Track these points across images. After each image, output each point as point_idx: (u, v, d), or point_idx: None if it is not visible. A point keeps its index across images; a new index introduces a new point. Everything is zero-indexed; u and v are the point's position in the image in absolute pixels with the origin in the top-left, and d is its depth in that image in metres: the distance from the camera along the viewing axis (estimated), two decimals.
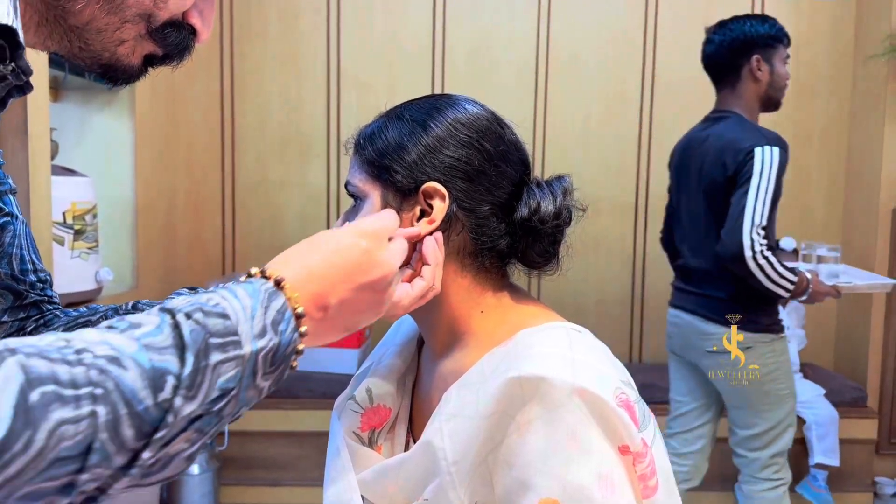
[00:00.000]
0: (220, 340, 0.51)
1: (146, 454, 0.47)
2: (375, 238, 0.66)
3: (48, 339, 0.46)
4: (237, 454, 2.96)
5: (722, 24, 2.20)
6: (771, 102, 2.20)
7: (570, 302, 3.42)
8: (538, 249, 0.81)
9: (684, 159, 2.29)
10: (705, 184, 2.14)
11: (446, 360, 0.82)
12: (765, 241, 1.97)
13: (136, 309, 0.75)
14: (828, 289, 2.11)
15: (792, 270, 2.04)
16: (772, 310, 2.13)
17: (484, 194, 0.78)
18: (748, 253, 1.96)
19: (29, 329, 0.73)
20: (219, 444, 2.89)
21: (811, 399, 2.99)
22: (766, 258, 1.97)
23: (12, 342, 0.44)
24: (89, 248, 2.52)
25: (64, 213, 2.44)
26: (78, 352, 0.45)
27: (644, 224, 3.45)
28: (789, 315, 2.98)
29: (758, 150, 2.00)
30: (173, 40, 0.65)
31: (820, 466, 2.92)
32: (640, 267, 3.46)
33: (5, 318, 0.73)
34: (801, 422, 3.01)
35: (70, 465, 0.44)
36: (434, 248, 0.75)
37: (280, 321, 0.55)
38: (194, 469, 2.78)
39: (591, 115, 3.43)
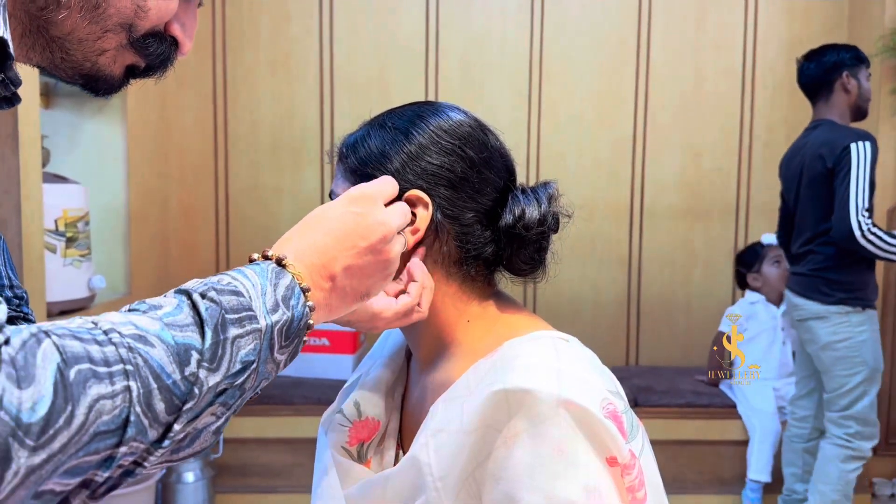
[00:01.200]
0: (235, 316, 0.53)
1: (177, 426, 0.49)
2: (367, 201, 0.67)
3: (76, 322, 0.48)
4: (232, 461, 2.95)
5: (815, 52, 2.62)
6: (860, 111, 2.59)
7: (565, 305, 3.41)
8: (523, 257, 0.80)
9: (790, 166, 2.68)
10: (808, 179, 2.53)
11: (434, 371, 0.81)
12: (869, 221, 2.35)
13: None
14: None
15: None
16: (849, 285, 2.48)
17: (468, 201, 0.77)
18: (857, 233, 2.35)
19: None
20: (214, 452, 2.88)
21: None
22: (874, 234, 2.35)
23: (44, 325, 0.46)
24: (81, 256, 2.50)
25: (56, 221, 2.42)
26: (106, 332, 0.47)
27: (640, 226, 3.45)
28: (783, 317, 2.99)
29: (853, 146, 2.39)
30: (154, 51, 0.64)
31: None
32: (635, 269, 3.46)
33: None
34: None
35: (109, 439, 0.46)
36: (421, 267, 0.75)
37: (290, 297, 0.57)
38: (189, 476, 2.76)
39: (585, 116, 3.43)
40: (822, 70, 2.57)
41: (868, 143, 2.40)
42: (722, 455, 3.06)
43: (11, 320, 0.74)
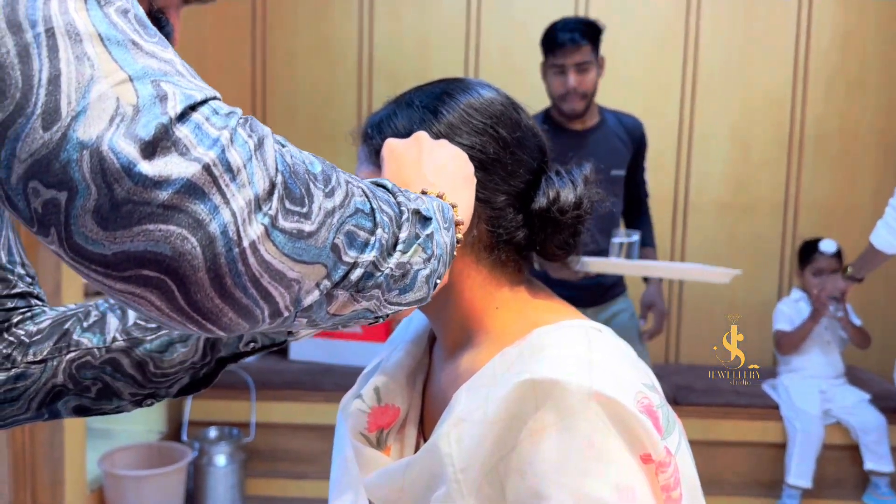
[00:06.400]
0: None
1: (402, 235, 0.51)
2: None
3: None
4: (263, 446, 2.95)
5: None
6: None
7: None
8: (558, 241, 0.77)
9: None
10: None
11: (459, 357, 0.77)
12: None
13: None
14: None
15: None
16: None
17: (500, 184, 0.74)
18: None
19: (15, 321, 0.70)
20: (245, 436, 2.88)
21: (854, 404, 2.88)
22: None
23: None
24: None
25: None
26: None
27: (683, 219, 3.37)
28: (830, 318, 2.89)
29: None
30: (162, 29, 0.64)
31: (873, 473, 2.84)
32: None
33: None
34: (845, 429, 2.91)
35: (366, 221, 0.47)
36: None
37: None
38: (221, 460, 2.77)
39: (629, 105, 3.32)
40: None
41: None
42: (761, 457, 2.97)
43: (23, 295, 0.72)
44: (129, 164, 0.37)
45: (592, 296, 2.37)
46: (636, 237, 2.22)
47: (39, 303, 0.73)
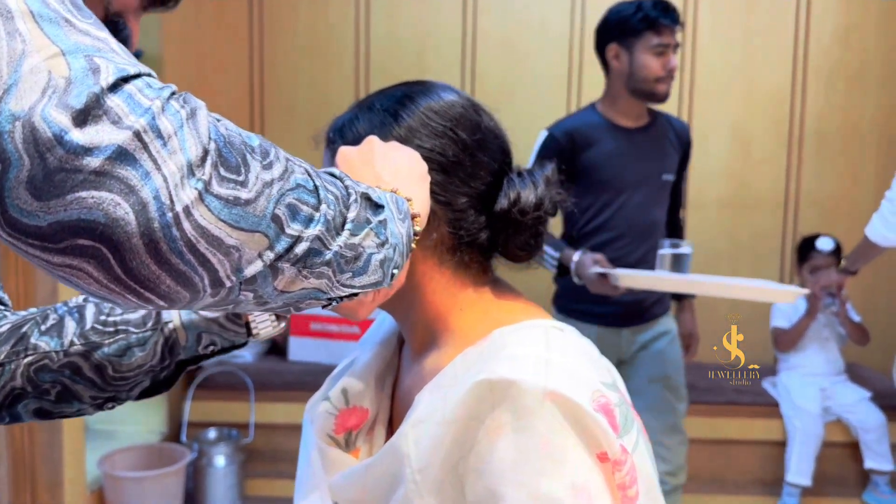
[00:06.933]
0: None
1: (350, 215, 0.51)
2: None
3: None
4: (262, 447, 2.96)
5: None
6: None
7: None
8: (519, 242, 0.77)
9: None
10: None
11: (425, 358, 0.77)
12: None
13: (86, 301, 0.71)
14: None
15: None
16: None
17: (460, 186, 0.74)
18: None
19: None
20: (244, 437, 2.89)
21: (854, 402, 2.86)
22: None
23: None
24: None
25: None
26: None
27: (683, 218, 3.34)
28: (827, 314, 2.87)
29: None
30: (121, 35, 0.64)
31: (873, 472, 2.83)
32: None
33: None
34: (845, 427, 2.89)
35: (309, 197, 0.47)
36: None
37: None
38: (220, 461, 2.78)
39: None
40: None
41: (545, 134, 2.13)
42: (763, 455, 2.96)
43: None
44: (60, 132, 0.37)
45: (630, 314, 2.17)
46: (688, 249, 1.98)
47: (2, 307, 0.74)
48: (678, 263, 1.96)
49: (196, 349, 0.71)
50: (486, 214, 0.76)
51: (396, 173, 0.65)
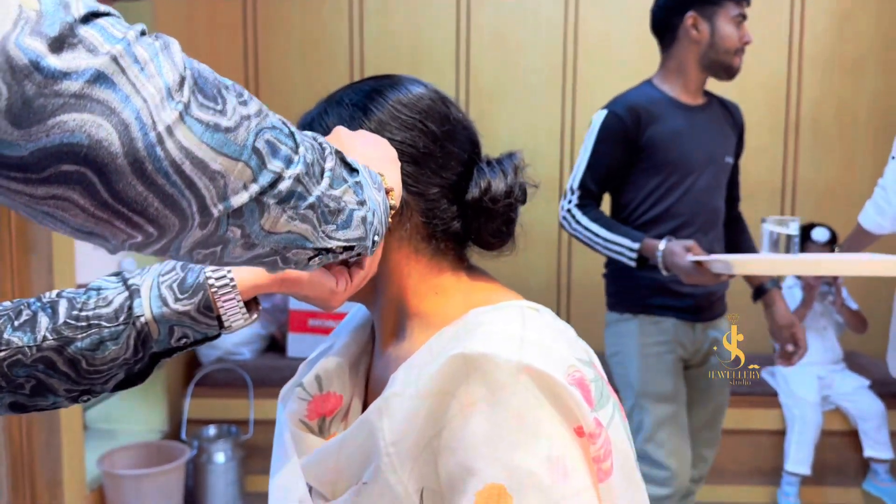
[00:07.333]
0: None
1: (328, 165, 0.52)
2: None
3: None
4: (262, 443, 2.97)
5: None
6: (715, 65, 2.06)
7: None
8: (491, 230, 0.78)
9: None
10: None
11: (400, 343, 0.78)
12: (574, 198, 1.96)
13: (59, 297, 0.72)
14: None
15: None
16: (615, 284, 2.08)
17: (432, 177, 0.75)
18: (560, 213, 2.00)
19: None
20: (244, 433, 2.91)
21: (853, 391, 2.86)
22: (572, 215, 1.97)
23: None
24: None
25: None
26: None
27: None
28: (823, 303, 2.86)
29: (595, 115, 2.03)
30: None
31: (873, 460, 2.82)
32: None
33: None
34: (844, 415, 2.89)
35: (287, 139, 0.48)
36: None
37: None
38: (220, 457, 2.80)
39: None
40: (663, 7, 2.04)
41: (605, 113, 1.97)
42: (762, 445, 2.95)
43: None
44: (37, 58, 0.37)
45: (702, 307, 2.01)
46: (795, 224, 1.80)
47: None
48: (789, 244, 1.79)
49: (168, 342, 0.71)
50: (457, 204, 0.77)
51: (367, 158, 0.66)
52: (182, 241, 0.45)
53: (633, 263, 1.87)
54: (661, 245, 1.80)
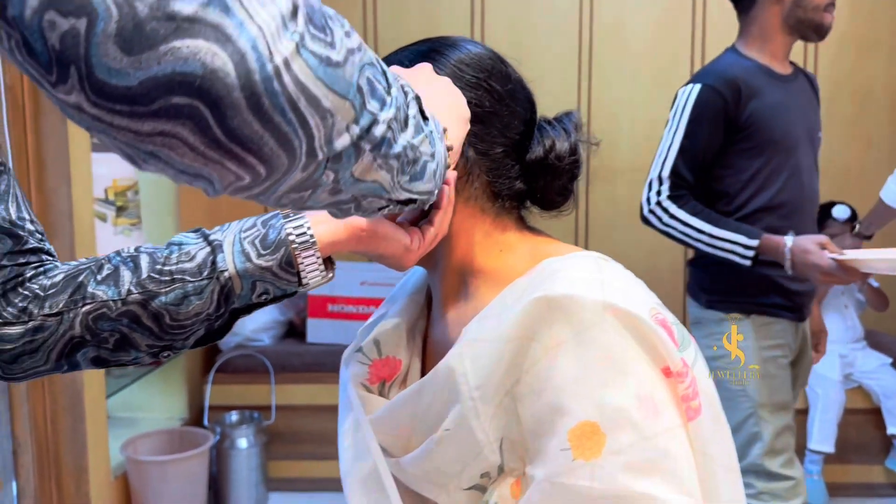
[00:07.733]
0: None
1: (411, 112, 0.50)
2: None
3: None
4: (284, 428, 2.97)
5: None
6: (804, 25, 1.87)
7: None
8: (557, 188, 0.78)
9: None
10: None
11: (464, 303, 0.77)
12: (664, 189, 1.77)
13: (138, 252, 0.71)
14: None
15: None
16: (717, 283, 1.85)
17: (497, 136, 0.75)
18: (644, 207, 1.83)
19: (28, 276, 0.70)
20: (266, 419, 2.90)
21: (875, 368, 2.86)
22: (662, 207, 1.78)
23: None
24: (132, 225, 2.53)
25: (106, 190, 2.45)
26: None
27: None
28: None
29: (681, 90, 1.85)
30: None
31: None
32: None
33: (4, 262, 0.71)
34: (867, 393, 2.89)
35: (381, 77, 0.45)
36: (446, 192, 0.72)
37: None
38: (242, 443, 2.79)
39: (638, 76, 3.31)
40: None
41: (697, 87, 1.76)
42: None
43: (35, 251, 0.73)
44: None
45: (803, 307, 1.84)
46: None
47: (50, 258, 0.74)
48: None
49: (250, 297, 0.71)
50: (520, 163, 0.77)
51: (437, 108, 0.64)
52: (282, 184, 0.42)
53: (747, 263, 1.68)
54: (789, 242, 1.63)
